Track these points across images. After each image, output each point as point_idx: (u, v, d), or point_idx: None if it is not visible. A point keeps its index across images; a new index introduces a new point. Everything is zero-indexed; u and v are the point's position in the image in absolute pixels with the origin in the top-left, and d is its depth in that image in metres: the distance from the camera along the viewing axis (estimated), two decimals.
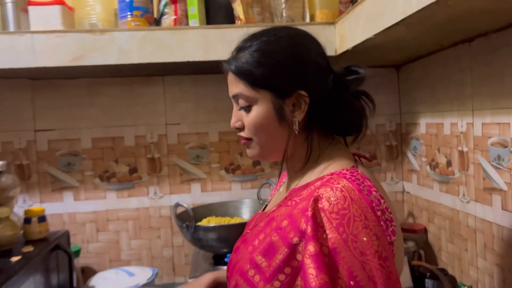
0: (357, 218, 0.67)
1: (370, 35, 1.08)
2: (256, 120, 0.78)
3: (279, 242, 0.70)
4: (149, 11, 1.35)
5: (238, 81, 0.79)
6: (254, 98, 0.78)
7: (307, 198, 0.71)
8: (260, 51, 0.77)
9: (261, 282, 0.70)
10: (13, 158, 1.58)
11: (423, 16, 0.89)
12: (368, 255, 0.65)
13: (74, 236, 1.61)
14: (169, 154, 1.65)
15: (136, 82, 1.63)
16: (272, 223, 0.75)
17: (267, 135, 0.80)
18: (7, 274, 0.99)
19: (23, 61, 1.24)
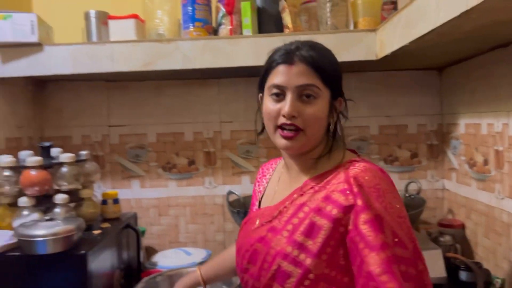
0: (387, 190, 0.84)
1: (405, 42, 1.19)
2: (318, 112, 0.89)
3: (322, 220, 0.83)
4: (208, 22, 1.53)
5: (313, 73, 0.88)
6: (321, 92, 0.89)
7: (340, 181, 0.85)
8: (328, 56, 0.92)
9: (308, 258, 0.82)
10: (91, 149, 1.82)
11: (451, 26, 0.99)
12: (402, 217, 0.83)
13: (140, 219, 1.82)
14: (223, 149, 1.84)
15: (195, 84, 1.83)
16: (303, 208, 0.87)
17: (318, 128, 0.91)
18: (91, 244, 1.20)
19: (103, 66, 1.47)
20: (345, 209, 0.82)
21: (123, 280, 1.42)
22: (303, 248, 0.83)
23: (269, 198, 1.03)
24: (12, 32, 1.41)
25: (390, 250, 0.78)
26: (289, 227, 0.87)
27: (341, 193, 0.83)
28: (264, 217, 0.96)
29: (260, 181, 1.13)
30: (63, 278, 1.13)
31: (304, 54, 0.89)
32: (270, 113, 0.90)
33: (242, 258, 0.95)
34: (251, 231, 0.96)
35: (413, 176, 1.80)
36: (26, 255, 1.11)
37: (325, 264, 0.82)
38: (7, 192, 1.26)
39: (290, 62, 0.88)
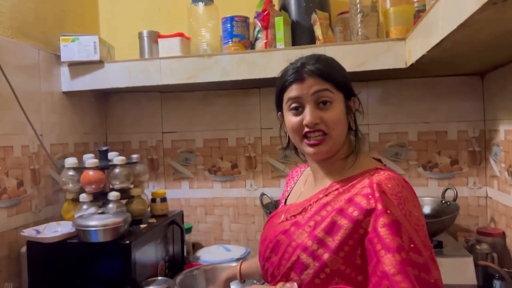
0: (409, 199, 0.91)
1: (424, 51, 1.23)
2: (338, 115, 0.98)
3: (343, 220, 0.91)
4: (245, 37, 1.66)
5: (323, 81, 0.97)
6: (335, 96, 0.98)
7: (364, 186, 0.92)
8: (334, 63, 1.03)
9: (326, 253, 0.90)
10: (147, 153, 2.05)
11: (462, 35, 1.02)
12: (419, 225, 0.89)
13: (188, 217, 2.01)
14: (263, 154, 1.95)
15: (238, 94, 1.97)
16: (327, 207, 0.96)
17: (341, 130, 0.99)
18: (136, 235, 1.38)
19: (153, 80, 1.66)
20: (366, 212, 0.89)
21: (168, 270, 1.59)
22: (323, 243, 0.91)
23: (295, 197, 1.13)
24: (78, 52, 1.65)
25: (406, 253, 0.83)
26: (311, 223, 0.95)
27: (363, 197, 0.91)
28: (289, 212, 1.05)
29: (288, 182, 1.24)
30: (112, 264, 1.31)
31: (311, 68, 0.98)
32: (294, 126, 0.99)
33: (266, 248, 1.05)
34: (276, 224, 1.06)
35: (453, 183, 1.78)
36: (82, 242, 1.31)
37: (341, 261, 0.89)
38: (71, 189, 1.49)
39: (300, 79, 0.98)
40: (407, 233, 0.85)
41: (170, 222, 1.65)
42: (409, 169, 1.84)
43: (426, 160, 1.83)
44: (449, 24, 0.95)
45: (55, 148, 1.67)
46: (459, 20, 0.88)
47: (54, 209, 1.62)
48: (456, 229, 1.78)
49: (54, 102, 1.68)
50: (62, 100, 1.73)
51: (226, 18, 1.66)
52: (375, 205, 0.88)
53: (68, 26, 1.82)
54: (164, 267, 1.57)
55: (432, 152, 1.82)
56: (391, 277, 0.81)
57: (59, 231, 1.38)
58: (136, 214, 1.53)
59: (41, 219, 1.55)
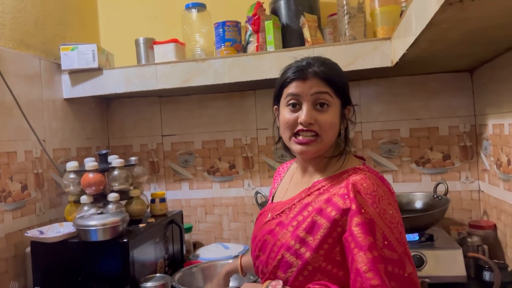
0: (384, 197, 0.95)
1: (404, 50, 1.27)
2: (332, 119, 1.01)
3: (322, 220, 0.96)
4: (237, 41, 1.72)
5: (325, 84, 1.00)
6: (333, 101, 1.01)
7: (342, 186, 0.97)
8: (337, 69, 1.05)
9: (307, 252, 0.95)
10: (147, 156, 2.11)
11: (436, 34, 1.06)
12: (394, 223, 0.93)
13: (189, 217, 2.07)
14: (259, 154, 2.01)
15: (235, 96, 2.02)
16: (308, 208, 1.00)
17: (332, 134, 1.03)
18: (135, 234, 1.44)
19: (149, 85, 1.72)
20: (342, 211, 0.94)
21: (167, 268, 1.65)
22: (304, 242, 0.96)
23: (281, 194, 1.17)
24: (78, 61, 1.72)
25: (378, 251, 0.88)
26: (294, 223, 1.01)
27: (340, 197, 0.95)
28: (275, 211, 1.10)
29: (276, 179, 1.28)
30: (111, 262, 1.37)
31: (316, 70, 1.01)
32: (288, 121, 1.02)
33: (255, 247, 1.10)
34: (263, 223, 1.11)
35: (446, 177, 1.81)
36: (82, 241, 1.37)
37: (322, 259, 0.95)
38: (72, 191, 1.56)
39: (303, 78, 1.01)
40: (381, 231, 0.90)
41: (169, 222, 1.71)
42: (402, 165, 1.87)
43: (418, 156, 1.86)
44: (420, 23, 1.00)
45: (58, 152, 1.74)
46: (426, 19, 0.92)
47: (58, 211, 1.69)
48: (450, 223, 1.81)
49: (56, 108, 1.75)
50: (64, 107, 1.80)
51: (218, 23, 1.72)
52: (350, 205, 0.93)
53: (68, 35, 1.89)
54: (163, 265, 1.62)
55: (425, 148, 1.86)
56: (363, 274, 0.87)
57: (61, 232, 1.45)
58: (135, 214, 1.59)
59: (45, 221, 1.63)
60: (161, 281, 1.40)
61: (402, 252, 0.90)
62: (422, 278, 1.43)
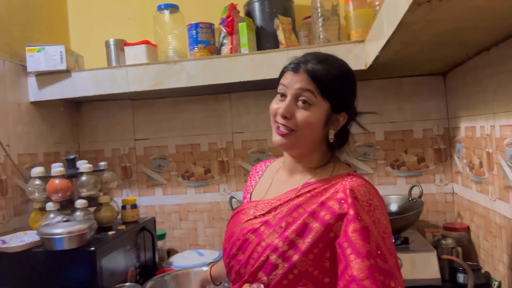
0: (378, 207, 0.93)
1: (377, 52, 1.26)
2: (310, 118, 0.97)
3: (315, 223, 0.92)
4: (210, 43, 1.69)
5: (311, 82, 0.96)
6: (317, 101, 0.97)
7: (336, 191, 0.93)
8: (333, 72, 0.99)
9: (296, 255, 0.91)
10: (119, 161, 2.05)
11: (406, 36, 1.05)
12: (386, 233, 0.91)
13: (163, 223, 2.02)
14: (235, 157, 1.98)
15: (209, 99, 1.99)
16: (298, 209, 0.96)
17: (309, 133, 0.99)
18: (103, 242, 1.39)
19: (120, 87, 1.68)
20: (338, 216, 0.90)
21: (139, 277, 1.60)
22: (293, 245, 0.92)
23: (261, 193, 1.11)
24: (45, 62, 1.66)
25: (374, 259, 0.86)
26: (283, 224, 0.96)
27: (336, 202, 0.92)
28: (258, 210, 1.05)
29: (252, 177, 1.22)
30: (78, 271, 1.32)
31: (308, 67, 0.98)
32: (273, 110, 1.01)
33: (232, 245, 1.03)
34: (244, 222, 1.05)
35: (420, 180, 1.82)
36: (47, 250, 1.31)
37: (310, 263, 0.91)
38: (37, 198, 1.49)
39: (295, 71, 0.99)
40: (375, 240, 0.87)
41: (141, 229, 1.66)
42: (377, 168, 1.87)
43: (393, 159, 1.87)
44: (391, 25, 0.99)
45: (23, 158, 1.67)
46: (396, 20, 0.91)
47: (23, 219, 1.62)
48: (425, 225, 1.81)
49: (22, 112, 1.68)
50: (30, 110, 1.73)
51: (191, 25, 1.69)
52: (347, 210, 0.89)
53: (36, 36, 1.83)
54: (134, 274, 1.57)
55: (399, 151, 1.86)
56: (360, 282, 0.83)
57: (25, 241, 1.38)
58: (104, 222, 1.54)
59: (9, 230, 1.55)
60: None
61: (393, 263, 0.88)
62: None
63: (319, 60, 0.99)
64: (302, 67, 0.98)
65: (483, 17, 0.93)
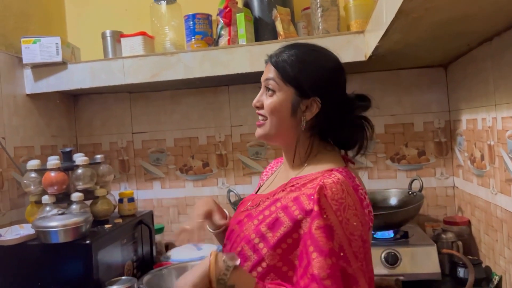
0: (351, 207, 0.88)
1: (376, 42, 1.24)
2: (275, 104, 0.98)
3: (285, 218, 0.91)
4: (208, 35, 1.67)
5: (274, 71, 0.99)
6: (280, 87, 0.98)
7: (312, 187, 0.91)
8: (297, 56, 0.98)
9: (265, 248, 0.91)
10: (117, 154, 2.04)
11: (407, 25, 1.03)
12: (355, 235, 0.86)
13: (161, 217, 2.00)
14: (234, 151, 1.96)
15: (207, 92, 1.97)
16: (276, 203, 0.95)
17: (278, 120, 0.98)
18: (99, 235, 1.37)
19: (116, 79, 1.65)
20: (305, 212, 0.88)
21: (136, 271, 1.58)
22: (264, 238, 0.92)
23: (265, 187, 1.13)
24: (40, 54, 1.64)
25: (337, 258, 0.83)
26: (260, 217, 0.96)
27: (307, 197, 0.90)
28: (252, 203, 1.05)
29: (266, 173, 1.24)
30: (73, 264, 1.30)
31: (273, 57, 1.01)
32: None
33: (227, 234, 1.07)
34: (239, 213, 1.07)
35: (421, 174, 1.79)
36: (42, 244, 1.30)
37: (278, 258, 0.90)
38: (33, 191, 1.48)
39: (266, 63, 1.04)
40: (339, 240, 0.84)
41: (138, 222, 1.64)
42: (377, 161, 1.85)
43: (394, 153, 1.84)
44: (390, 13, 0.97)
45: (20, 151, 1.66)
46: (395, 8, 0.89)
47: (19, 213, 1.61)
48: (425, 219, 1.80)
49: (17, 104, 1.67)
50: (26, 103, 1.72)
51: (188, 16, 1.66)
52: (313, 206, 0.87)
53: (31, 28, 1.80)
54: (131, 267, 1.56)
55: (400, 144, 1.84)
56: (320, 281, 0.81)
57: (20, 234, 1.37)
58: (101, 215, 1.52)
59: (6, 223, 1.54)
60: (126, 284, 1.33)
61: (357, 268, 0.84)
62: (396, 275, 1.41)
63: (286, 48, 1.01)
64: (272, 57, 1.01)
65: (483, 6, 0.91)
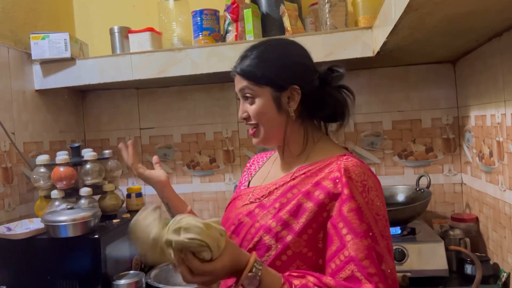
0: (372, 188, 0.91)
1: (384, 38, 1.23)
2: (259, 109, 0.98)
3: (309, 203, 0.91)
4: (215, 30, 1.67)
5: (243, 80, 0.98)
6: (257, 92, 0.98)
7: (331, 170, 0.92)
8: (259, 57, 0.98)
9: (289, 235, 0.90)
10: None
11: (415, 20, 1.02)
12: (379, 215, 0.89)
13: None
14: (241, 147, 1.96)
15: (214, 88, 1.97)
16: (293, 190, 0.95)
17: (268, 121, 0.99)
18: (108, 230, 1.39)
19: (124, 75, 1.66)
20: (332, 196, 0.89)
21: (144, 265, 1.60)
22: (287, 225, 0.91)
23: (259, 180, 1.11)
24: (49, 50, 1.65)
25: (370, 239, 0.85)
26: (276, 205, 0.95)
27: (330, 181, 0.90)
28: (254, 195, 1.04)
29: (252, 166, 1.21)
30: (81, 259, 1.32)
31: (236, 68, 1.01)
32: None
33: (227, 230, 1.00)
34: (240, 207, 1.04)
35: (428, 170, 1.79)
36: (51, 238, 1.31)
37: (304, 244, 0.90)
38: (42, 185, 1.49)
39: (233, 76, 1.03)
40: (367, 221, 0.86)
41: None
42: (384, 158, 1.84)
43: (401, 149, 1.84)
44: (399, 8, 0.96)
45: (29, 146, 1.67)
46: (404, 3, 0.88)
47: (29, 207, 1.62)
48: (432, 216, 1.79)
49: (26, 100, 1.68)
50: (35, 98, 1.73)
51: (196, 12, 1.67)
52: (342, 189, 0.88)
53: (40, 24, 1.82)
54: (139, 262, 1.57)
55: (407, 141, 1.83)
56: (359, 262, 0.82)
57: (30, 228, 1.38)
58: (109, 210, 1.54)
59: (15, 217, 1.56)
60: (134, 278, 1.35)
61: (384, 246, 0.86)
62: (403, 272, 1.40)
63: (247, 52, 1.01)
64: (234, 70, 1.01)
65: (492, 1, 0.90)
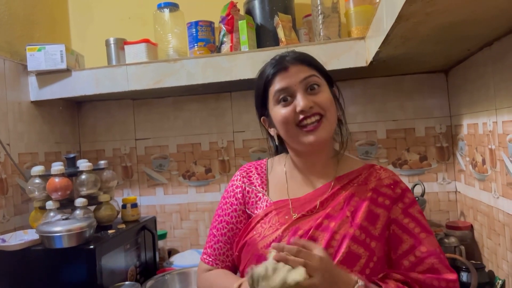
0: None
1: (376, 48, 1.25)
2: (329, 97, 1.00)
3: (378, 209, 0.98)
4: (210, 41, 1.69)
5: (308, 68, 1.00)
6: (321, 81, 1.01)
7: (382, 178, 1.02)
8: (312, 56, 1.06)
9: (373, 242, 0.95)
10: (120, 161, 2.05)
11: (406, 30, 1.04)
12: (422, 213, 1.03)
13: (164, 223, 2.01)
14: (236, 157, 1.96)
15: (210, 98, 1.98)
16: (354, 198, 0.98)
17: (334, 113, 1.01)
18: (103, 240, 1.38)
19: (120, 86, 1.67)
20: (394, 200, 0.99)
21: (139, 276, 1.59)
22: (368, 232, 0.95)
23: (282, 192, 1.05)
24: (45, 61, 1.66)
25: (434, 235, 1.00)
26: (348, 214, 0.96)
27: (387, 188, 1.01)
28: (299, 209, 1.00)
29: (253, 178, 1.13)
30: (77, 269, 1.31)
31: (293, 57, 1.02)
32: (286, 117, 0.97)
33: None
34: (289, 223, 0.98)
35: (423, 179, 1.80)
36: (46, 249, 1.31)
37: (382, 248, 0.96)
38: (37, 196, 1.49)
39: (284, 68, 0.99)
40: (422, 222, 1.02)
41: (141, 228, 1.65)
42: None
43: (395, 158, 1.85)
44: (390, 18, 0.98)
45: (24, 157, 1.67)
46: (395, 13, 0.90)
47: (23, 218, 1.62)
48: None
49: (22, 111, 1.68)
50: (31, 110, 1.73)
51: (191, 23, 1.68)
52: (403, 194, 1.00)
53: (36, 36, 1.83)
54: (135, 273, 1.56)
55: (401, 149, 1.85)
56: (439, 255, 0.95)
57: (24, 239, 1.38)
58: (104, 220, 1.53)
59: (10, 229, 1.55)
60: None
61: None
62: None
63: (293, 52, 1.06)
64: (288, 61, 1.00)
65: (484, 9, 0.92)
